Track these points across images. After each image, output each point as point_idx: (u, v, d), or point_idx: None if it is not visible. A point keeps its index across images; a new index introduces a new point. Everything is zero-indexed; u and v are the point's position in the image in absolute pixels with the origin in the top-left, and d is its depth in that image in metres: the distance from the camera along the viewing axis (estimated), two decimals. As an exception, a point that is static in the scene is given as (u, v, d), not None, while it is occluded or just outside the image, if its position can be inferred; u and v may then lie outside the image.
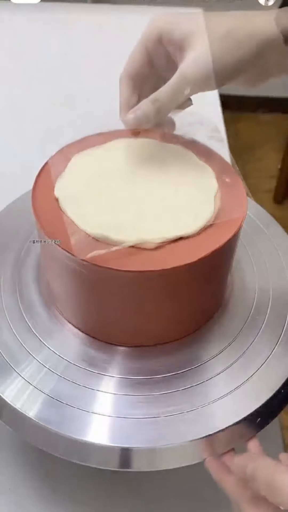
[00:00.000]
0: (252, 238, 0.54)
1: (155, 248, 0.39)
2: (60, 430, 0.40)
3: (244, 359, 0.44)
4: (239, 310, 0.48)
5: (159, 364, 0.44)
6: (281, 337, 0.46)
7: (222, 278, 0.46)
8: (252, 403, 0.42)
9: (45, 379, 0.42)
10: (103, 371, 0.43)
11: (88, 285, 0.41)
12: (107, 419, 0.40)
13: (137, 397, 0.42)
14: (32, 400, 0.41)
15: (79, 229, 0.40)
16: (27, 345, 0.44)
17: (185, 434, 0.40)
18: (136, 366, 0.43)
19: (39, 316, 0.47)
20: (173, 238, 0.40)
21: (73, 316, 0.46)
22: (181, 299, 0.42)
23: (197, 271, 0.40)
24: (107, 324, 0.44)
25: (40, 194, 0.43)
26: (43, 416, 0.40)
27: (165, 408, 0.41)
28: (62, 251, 0.39)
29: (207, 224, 0.41)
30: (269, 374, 0.44)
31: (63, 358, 0.44)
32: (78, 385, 0.42)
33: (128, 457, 0.40)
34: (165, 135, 0.48)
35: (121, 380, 0.43)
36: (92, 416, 0.41)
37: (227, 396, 0.42)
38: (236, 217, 0.42)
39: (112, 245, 0.39)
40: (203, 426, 0.40)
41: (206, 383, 0.43)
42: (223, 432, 0.41)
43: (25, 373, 0.43)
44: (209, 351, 0.45)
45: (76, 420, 0.40)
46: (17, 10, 1.09)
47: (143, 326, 0.44)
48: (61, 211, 0.42)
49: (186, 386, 0.42)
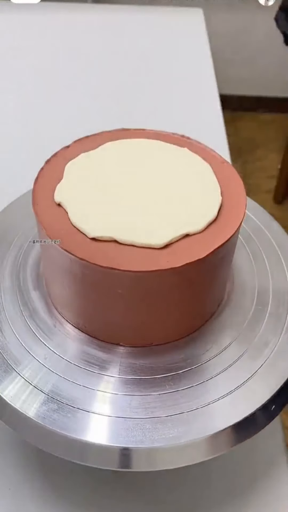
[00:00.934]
0: (251, 237, 0.54)
1: (163, 247, 0.40)
2: (60, 429, 0.40)
3: (244, 360, 0.44)
4: (240, 307, 0.48)
5: (159, 363, 0.44)
6: (281, 336, 0.46)
7: (224, 274, 0.46)
8: (252, 403, 0.42)
9: (45, 379, 0.42)
10: (103, 371, 0.43)
11: (93, 287, 0.41)
12: (107, 419, 0.40)
13: (136, 397, 0.42)
14: (31, 400, 0.41)
15: (83, 230, 0.40)
16: (26, 345, 0.44)
17: (185, 434, 0.40)
18: (136, 365, 0.43)
19: (38, 315, 0.47)
20: (180, 236, 0.40)
21: (74, 316, 0.46)
22: (187, 296, 0.42)
23: (204, 268, 0.40)
24: (110, 324, 0.44)
25: (40, 197, 0.43)
26: (42, 416, 0.40)
27: (165, 408, 0.41)
28: (64, 252, 0.39)
29: (211, 221, 0.41)
30: (270, 374, 0.44)
31: (62, 357, 0.44)
32: (78, 385, 0.42)
33: (128, 457, 0.40)
34: (159, 135, 0.48)
35: (121, 380, 0.43)
36: (91, 416, 0.40)
37: (227, 396, 0.42)
38: (237, 212, 0.42)
39: (119, 245, 0.39)
40: (203, 426, 0.40)
41: (206, 383, 0.43)
42: (223, 432, 0.40)
43: (24, 373, 0.43)
44: (210, 351, 0.45)
45: (76, 419, 0.40)
46: (17, 10, 1.09)
47: (146, 326, 0.43)
48: (63, 213, 0.42)
49: (186, 386, 0.42)
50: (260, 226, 0.55)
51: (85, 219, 0.41)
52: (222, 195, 0.44)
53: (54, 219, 0.42)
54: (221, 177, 0.45)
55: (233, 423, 0.41)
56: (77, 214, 0.41)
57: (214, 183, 0.44)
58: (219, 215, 0.42)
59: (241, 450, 0.40)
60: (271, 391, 0.43)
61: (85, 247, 0.40)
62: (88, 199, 0.43)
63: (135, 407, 0.41)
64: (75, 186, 0.44)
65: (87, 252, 0.39)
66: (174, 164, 0.46)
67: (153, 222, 0.41)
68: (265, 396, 0.42)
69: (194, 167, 0.46)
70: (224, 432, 0.40)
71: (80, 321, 0.45)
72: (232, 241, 0.42)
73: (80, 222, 0.41)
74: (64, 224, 0.41)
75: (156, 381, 0.42)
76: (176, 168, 0.46)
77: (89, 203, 0.42)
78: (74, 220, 0.41)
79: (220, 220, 0.42)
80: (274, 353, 0.45)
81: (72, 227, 0.41)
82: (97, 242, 0.40)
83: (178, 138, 0.50)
